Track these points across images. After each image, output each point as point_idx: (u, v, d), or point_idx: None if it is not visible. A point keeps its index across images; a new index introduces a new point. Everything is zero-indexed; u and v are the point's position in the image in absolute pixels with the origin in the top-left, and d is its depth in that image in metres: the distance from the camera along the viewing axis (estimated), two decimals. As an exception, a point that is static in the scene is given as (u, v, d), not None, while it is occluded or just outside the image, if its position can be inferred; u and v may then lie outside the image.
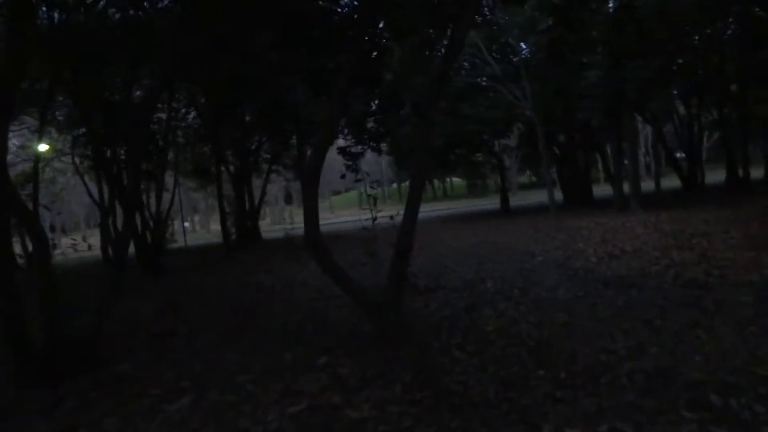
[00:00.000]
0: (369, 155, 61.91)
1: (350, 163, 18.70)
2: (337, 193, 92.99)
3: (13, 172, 27.58)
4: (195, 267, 15.47)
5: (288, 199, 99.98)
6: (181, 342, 6.51)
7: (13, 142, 25.55)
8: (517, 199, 39.56)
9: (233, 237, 19.92)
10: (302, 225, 5.70)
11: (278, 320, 7.24)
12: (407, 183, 62.17)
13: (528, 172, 66.36)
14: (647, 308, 5.75)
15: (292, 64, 10.91)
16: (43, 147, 23.05)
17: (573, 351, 4.63)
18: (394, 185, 75.75)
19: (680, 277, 7.07)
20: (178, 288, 11.42)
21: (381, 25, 7.80)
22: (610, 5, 14.48)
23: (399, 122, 25.47)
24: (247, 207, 21.60)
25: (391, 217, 7.04)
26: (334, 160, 54.97)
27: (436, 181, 69.02)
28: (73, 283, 13.42)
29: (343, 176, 15.10)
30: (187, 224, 37.20)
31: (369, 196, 8.21)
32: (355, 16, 7.96)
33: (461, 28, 5.89)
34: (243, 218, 19.90)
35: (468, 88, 22.41)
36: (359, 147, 20.11)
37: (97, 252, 22.50)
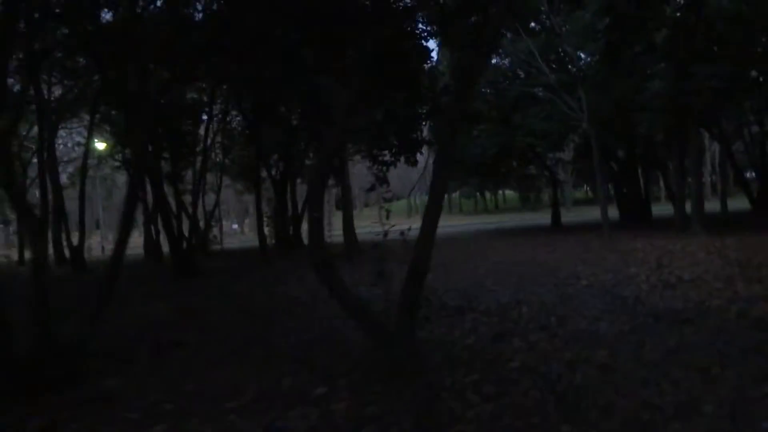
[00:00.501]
0: (422, 164, 61.60)
1: (380, 173, 17.96)
2: (390, 200, 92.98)
3: (70, 168, 28.59)
4: (229, 271, 15.28)
5: (338, 205, 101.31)
6: (184, 354, 6.13)
7: (72, 138, 26.41)
8: (571, 215, 38.10)
9: (273, 241, 19.74)
10: (357, 231, 5.17)
11: (291, 337, 6.76)
12: (457, 193, 60.84)
13: (585, 186, 64.25)
14: (704, 352, 4.92)
15: (324, 62, 10.50)
16: (99, 145, 23.72)
17: (609, 402, 3.90)
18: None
19: (746, 316, 6.14)
20: (203, 293, 11.15)
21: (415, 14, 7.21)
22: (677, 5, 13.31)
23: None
24: (290, 212, 21.41)
25: (402, 233, 6.35)
26: (365, 171, 54.47)
27: (488, 193, 67.66)
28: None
29: (371, 188, 14.54)
30: (235, 226, 37.57)
31: (381, 207, 7.58)
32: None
33: (497, 15, 5.26)
34: (283, 223, 19.70)
35: (522, 97, 21.56)
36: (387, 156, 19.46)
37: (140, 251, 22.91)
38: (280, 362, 5.49)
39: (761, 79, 17.51)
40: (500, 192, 72.02)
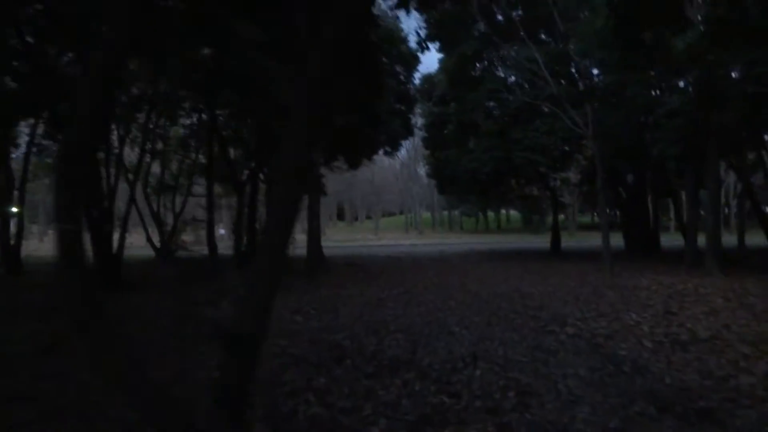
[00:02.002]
0: (424, 178, 59.47)
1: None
2: (391, 214, 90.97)
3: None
4: (165, 283, 13.34)
5: (340, 215, 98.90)
6: None
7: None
8: (573, 241, 35.98)
9: (242, 248, 17.81)
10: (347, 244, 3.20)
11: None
12: (458, 210, 58.93)
13: (594, 212, 61.87)
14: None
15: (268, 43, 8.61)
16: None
17: None
18: (446, 212, 72.63)
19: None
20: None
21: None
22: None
23: (440, 140, 22.90)
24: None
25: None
26: (390, 180, 52.64)
27: (491, 212, 65.57)
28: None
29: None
30: (222, 231, 35.64)
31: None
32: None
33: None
34: (252, 230, 17.81)
35: (523, 110, 19.63)
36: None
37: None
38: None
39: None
40: (504, 212, 69.92)
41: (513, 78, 21.03)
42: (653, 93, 17.52)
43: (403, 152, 57.80)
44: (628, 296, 10.24)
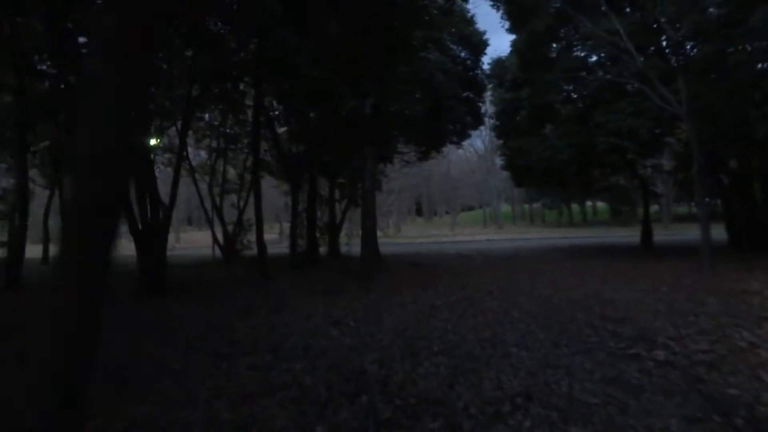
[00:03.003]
0: (478, 171, 57.00)
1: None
2: (470, 208, 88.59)
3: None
4: (209, 287, 12.72)
5: (419, 211, 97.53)
6: None
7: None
8: (668, 234, 32.79)
9: (299, 250, 17.14)
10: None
11: None
12: (538, 204, 56.19)
13: (692, 202, 56.59)
14: None
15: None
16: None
17: None
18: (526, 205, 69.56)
19: None
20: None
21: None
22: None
23: (512, 128, 21.17)
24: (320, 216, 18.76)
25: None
26: (467, 173, 50.84)
27: (574, 205, 61.99)
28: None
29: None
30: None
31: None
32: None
33: None
34: (312, 229, 17.05)
35: (604, 89, 17.60)
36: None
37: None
38: None
39: None
40: (589, 203, 65.89)
41: (592, 57, 18.97)
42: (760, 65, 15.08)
43: (478, 143, 55.98)
44: (735, 305, 8.40)
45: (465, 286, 11.73)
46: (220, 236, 21.24)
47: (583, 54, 18.56)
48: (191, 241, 47.08)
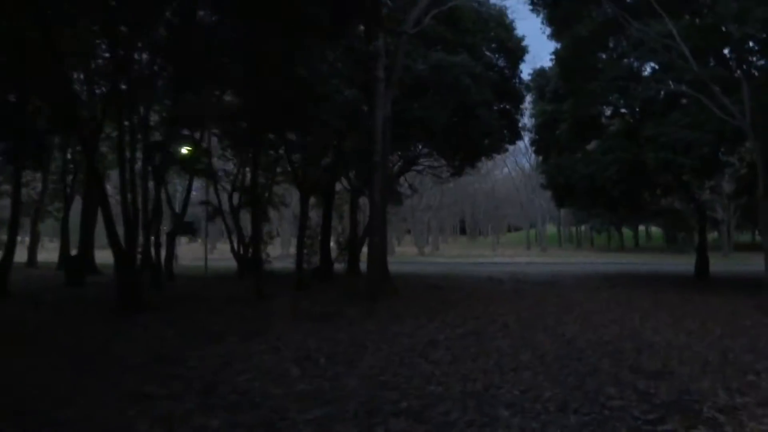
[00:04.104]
0: (521, 190, 54.41)
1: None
2: (517, 229, 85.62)
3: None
4: (198, 304, 11.57)
5: (463, 229, 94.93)
6: None
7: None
8: (727, 263, 29.92)
9: (312, 266, 15.93)
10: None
11: None
12: (587, 226, 53.26)
13: (756, 230, 52.05)
14: None
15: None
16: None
17: None
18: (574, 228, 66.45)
19: None
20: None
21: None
22: None
23: (552, 143, 19.43)
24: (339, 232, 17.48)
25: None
26: (512, 192, 48.85)
27: (626, 229, 58.68)
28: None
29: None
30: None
31: None
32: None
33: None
34: (326, 244, 15.78)
35: (655, 100, 15.76)
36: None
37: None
38: None
39: None
40: (643, 228, 62.25)
41: (643, 64, 17.13)
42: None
43: (523, 161, 53.79)
44: (812, 360, 6.57)
45: (479, 316, 10.18)
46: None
47: (632, 61, 16.73)
48: (226, 252, 46.62)
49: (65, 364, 6.33)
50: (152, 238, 15.32)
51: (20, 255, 28.99)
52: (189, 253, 41.39)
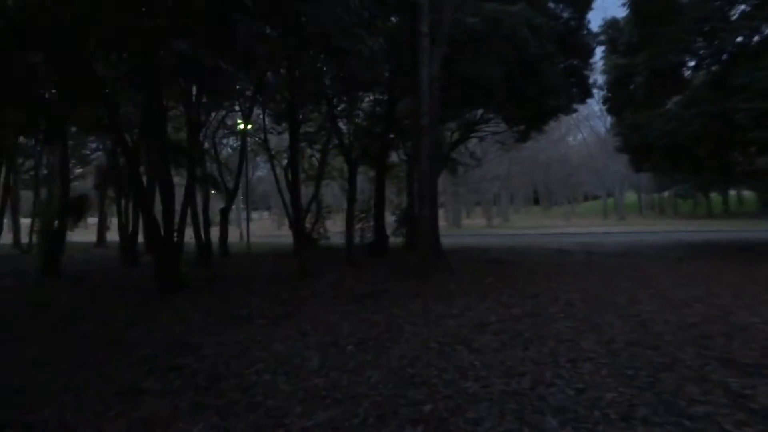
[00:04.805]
0: (594, 157, 50.87)
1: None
2: (596, 197, 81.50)
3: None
4: (239, 283, 11.09)
5: (537, 200, 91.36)
6: None
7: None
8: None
9: (366, 241, 15.18)
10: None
11: None
12: (670, 192, 49.68)
13: None
14: None
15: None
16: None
17: None
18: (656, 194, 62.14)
19: None
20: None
21: None
22: None
23: (627, 101, 17.58)
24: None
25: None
26: (587, 158, 46.18)
27: (715, 194, 54.16)
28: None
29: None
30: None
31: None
32: None
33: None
34: (381, 218, 14.92)
35: (747, 45, 13.71)
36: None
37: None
38: None
39: None
40: (733, 192, 57.27)
41: (730, 4, 14.91)
42: None
43: (599, 125, 50.61)
44: None
45: (540, 293, 9.06)
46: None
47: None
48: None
49: (71, 353, 5.88)
50: (200, 215, 15.05)
51: (90, 235, 30.45)
52: (259, 230, 42.09)
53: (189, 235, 14.44)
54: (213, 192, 20.67)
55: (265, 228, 50.82)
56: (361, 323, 7.09)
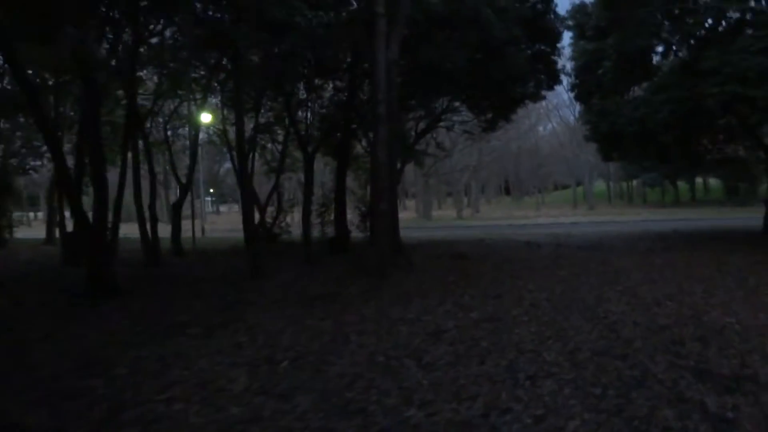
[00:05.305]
0: (567, 146, 51.04)
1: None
2: (565, 187, 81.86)
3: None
4: (180, 286, 10.26)
5: (508, 190, 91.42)
6: None
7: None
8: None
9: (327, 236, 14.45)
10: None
11: None
12: (638, 180, 49.97)
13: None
14: None
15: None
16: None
17: None
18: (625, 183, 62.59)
19: None
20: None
21: None
22: None
23: (595, 87, 17.13)
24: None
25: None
26: (557, 148, 46.05)
27: (681, 182, 54.67)
28: None
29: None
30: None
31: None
32: None
33: None
34: (342, 212, 14.18)
35: (714, 28, 13.31)
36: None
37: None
38: None
39: None
40: (700, 180, 57.92)
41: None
42: None
43: (568, 114, 50.56)
44: None
45: (503, 293, 8.48)
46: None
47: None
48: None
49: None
50: (146, 212, 14.11)
51: (39, 231, 28.98)
52: (226, 224, 40.82)
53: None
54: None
55: (232, 222, 49.51)
56: (304, 332, 6.39)
